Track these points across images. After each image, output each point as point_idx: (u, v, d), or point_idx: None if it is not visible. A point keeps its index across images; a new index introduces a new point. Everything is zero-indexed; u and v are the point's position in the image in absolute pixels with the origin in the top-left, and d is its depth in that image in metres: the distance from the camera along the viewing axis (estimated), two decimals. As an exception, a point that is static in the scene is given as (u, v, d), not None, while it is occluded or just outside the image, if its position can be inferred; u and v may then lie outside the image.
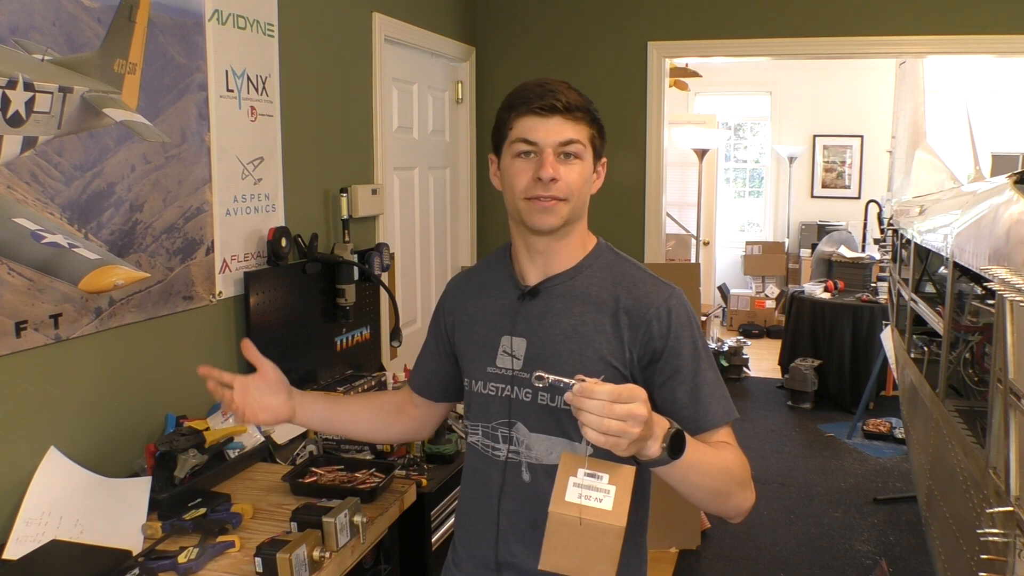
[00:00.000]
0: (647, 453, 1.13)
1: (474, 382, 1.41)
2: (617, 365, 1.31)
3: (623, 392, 1.07)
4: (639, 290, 1.34)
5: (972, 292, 2.50)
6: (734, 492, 1.27)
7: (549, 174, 1.29)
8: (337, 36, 2.90)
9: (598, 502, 1.12)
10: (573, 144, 1.31)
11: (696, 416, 1.29)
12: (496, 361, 1.37)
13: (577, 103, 1.32)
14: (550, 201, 1.31)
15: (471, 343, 1.43)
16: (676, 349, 1.30)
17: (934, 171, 4.50)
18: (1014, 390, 1.53)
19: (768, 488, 4.40)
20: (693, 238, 7.25)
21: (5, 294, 1.64)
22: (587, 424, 1.07)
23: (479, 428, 1.41)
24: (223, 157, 2.28)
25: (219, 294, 2.29)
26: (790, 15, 3.82)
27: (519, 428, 1.35)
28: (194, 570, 1.54)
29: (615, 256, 1.41)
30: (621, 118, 4.04)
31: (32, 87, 1.66)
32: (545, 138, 1.30)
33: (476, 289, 1.46)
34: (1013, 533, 1.54)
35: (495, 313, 1.40)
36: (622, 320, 1.32)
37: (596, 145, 1.36)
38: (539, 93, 1.31)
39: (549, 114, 1.30)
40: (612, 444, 1.07)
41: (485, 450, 1.40)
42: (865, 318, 5.74)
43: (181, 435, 1.93)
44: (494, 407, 1.38)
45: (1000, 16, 3.61)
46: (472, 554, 1.43)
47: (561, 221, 1.33)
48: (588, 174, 1.35)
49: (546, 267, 1.38)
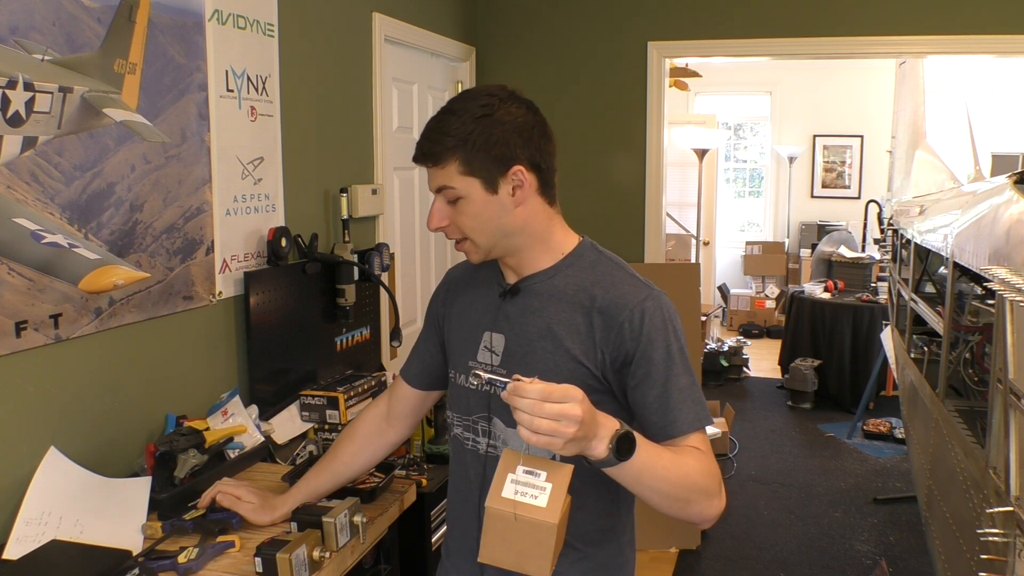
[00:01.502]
0: (592, 453, 1.12)
1: (457, 374, 1.44)
2: (588, 365, 1.30)
3: (555, 392, 1.08)
4: (616, 291, 1.32)
5: (972, 292, 2.50)
6: (694, 499, 1.24)
7: (431, 226, 1.34)
8: (337, 36, 2.90)
9: (533, 499, 1.14)
10: (446, 190, 1.31)
11: (665, 422, 1.28)
12: (478, 355, 1.39)
13: (433, 151, 1.29)
14: (458, 244, 1.36)
15: (457, 335, 1.46)
16: (648, 353, 1.28)
17: (934, 171, 4.50)
18: (1014, 390, 1.53)
19: (768, 488, 4.40)
20: (693, 238, 7.25)
21: (5, 294, 1.64)
22: (519, 422, 1.08)
23: (459, 420, 1.44)
24: (223, 157, 2.28)
25: (219, 294, 2.29)
26: (790, 15, 3.83)
27: (496, 423, 1.37)
28: (194, 570, 1.53)
29: (598, 255, 1.39)
30: (621, 118, 4.04)
31: (32, 87, 1.66)
32: (429, 185, 1.33)
33: (469, 283, 1.48)
34: (1013, 533, 1.54)
35: (480, 308, 1.42)
36: (596, 320, 1.30)
37: (479, 171, 1.29)
38: (416, 145, 1.32)
39: (419, 164, 1.32)
40: (545, 443, 1.08)
41: (465, 442, 1.42)
42: (865, 318, 5.74)
43: (181, 435, 1.93)
44: (474, 401, 1.40)
45: (1000, 16, 3.61)
46: (459, 546, 1.46)
47: (481, 255, 1.36)
48: (480, 207, 1.30)
49: (518, 271, 1.39)
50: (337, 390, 2.36)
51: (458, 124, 1.27)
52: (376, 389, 2.49)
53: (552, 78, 4.05)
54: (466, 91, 1.36)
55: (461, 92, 1.36)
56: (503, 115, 1.28)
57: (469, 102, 1.30)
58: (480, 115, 1.28)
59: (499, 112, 1.28)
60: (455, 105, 1.31)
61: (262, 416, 2.28)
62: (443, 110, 1.31)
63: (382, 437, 1.64)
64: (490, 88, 1.33)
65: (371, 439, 1.64)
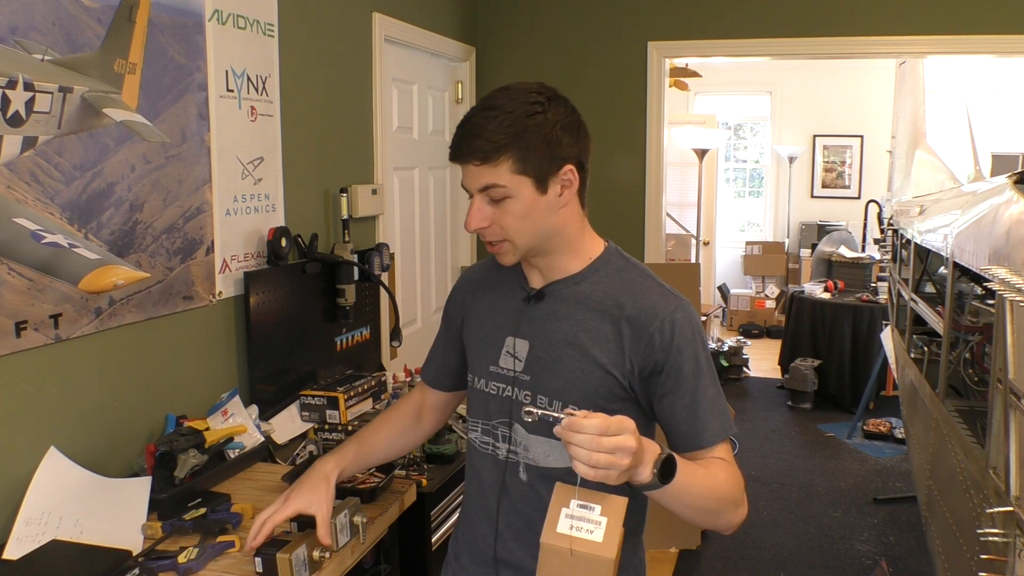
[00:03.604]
0: (638, 479, 1.13)
1: (477, 379, 1.41)
2: (615, 373, 1.29)
3: (611, 425, 1.06)
4: (645, 300, 1.30)
5: (972, 292, 2.50)
6: (724, 511, 1.26)
7: (470, 227, 1.28)
8: (337, 36, 2.90)
9: (589, 533, 1.12)
10: (493, 189, 1.25)
11: (693, 432, 1.28)
12: (499, 360, 1.37)
13: (484, 148, 1.22)
14: (494, 245, 1.31)
15: (477, 339, 1.42)
16: (678, 364, 1.28)
17: (934, 171, 4.50)
18: (1014, 390, 1.53)
19: (768, 488, 4.40)
20: (693, 238, 7.25)
21: (5, 294, 1.64)
22: (576, 458, 1.06)
23: (479, 425, 1.41)
24: (223, 157, 2.28)
25: (219, 294, 2.29)
26: (790, 15, 3.83)
27: (517, 429, 1.35)
28: (194, 570, 1.53)
29: (624, 262, 1.38)
30: (621, 118, 4.04)
31: (32, 87, 1.66)
32: (470, 185, 1.27)
33: (488, 285, 1.45)
34: (1013, 533, 1.54)
35: (502, 312, 1.39)
36: (624, 329, 1.29)
37: (533, 170, 1.25)
38: (456, 138, 1.26)
39: (463, 163, 1.26)
40: (602, 476, 1.07)
41: (484, 447, 1.40)
42: (865, 318, 5.74)
43: (181, 435, 1.93)
44: (494, 406, 1.38)
45: (1000, 16, 3.61)
46: (471, 549, 1.44)
47: (517, 257, 1.32)
48: (528, 207, 1.26)
49: (546, 275, 1.37)
50: (337, 390, 2.36)
51: (510, 121, 1.22)
52: (376, 389, 2.49)
53: (552, 78, 3.98)
54: (505, 88, 1.28)
55: (499, 89, 1.28)
56: (554, 114, 1.25)
57: (517, 99, 1.24)
58: (532, 112, 1.23)
59: (551, 110, 1.25)
60: (500, 102, 1.24)
61: (262, 416, 2.28)
62: (486, 107, 1.25)
63: (416, 429, 1.63)
64: (530, 86, 1.28)
65: (408, 427, 1.61)
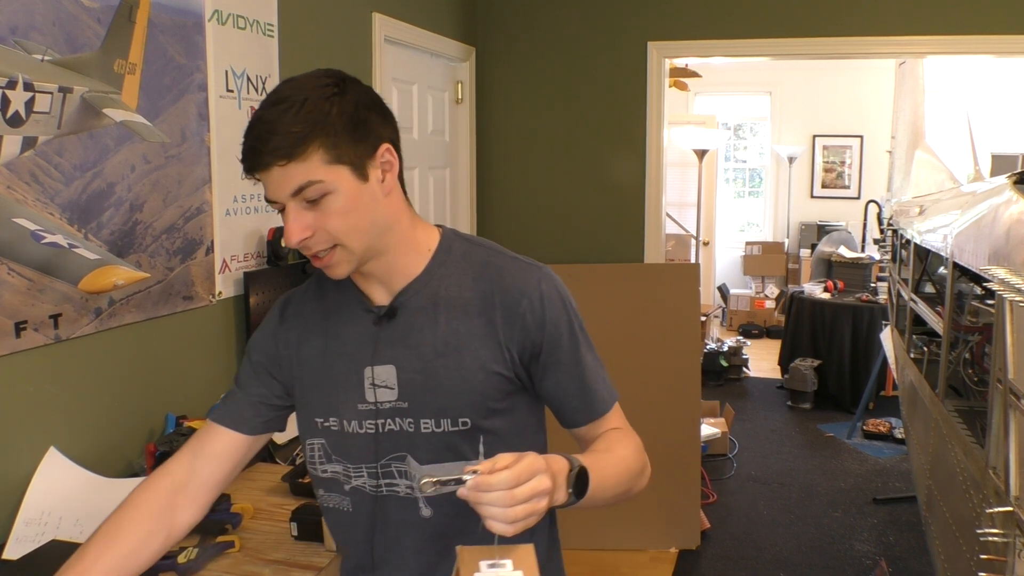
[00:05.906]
0: (554, 504, 1.03)
1: (346, 422, 1.21)
2: (498, 369, 1.17)
3: (522, 473, 0.94)
4: (505, 279, 1.19)
5: (972, 292, 2.50)
6: (634, 485, 1.20)
7: (292, 240, 1.09)
8: (337, 36, 2.90)
9: None
10: (308, 188, 1.07)
11: (585, 406, 1.22)
12: (366, 396, 1.19)
13: (285, 143, 1.05)
14: (322, 257, 1.12)
15: (327, 380, 1.22)
16: (555, 338, 1.19)
17: (934, 171, 4.50)
18: (1014, 390, 1.53)
19: (768, 488, 4.40)
20: (693, 238, 7.25)
21: (5, 294, 1.64)
22: (491, 518, 0.94)
23: (363, 470, 1.21)
24: (223, 157, 2.28)
25: (219, 294, 2.29)
26: (790, 15, 3.82)
27: (409, 461, 1.19)
28: (194, 570, 1.53)
29: (467, 243, 1.24)
30: (621, 118, 4.03)
31: (32, 87, 1.66)
32: (278, 192, 1.09)
33: (320, 316, 1.25)
34: (1013, 533, 1.54)
35: (350, 343, 1.21)
36: (495, 317, 1.17)
37: (347, 156, 1.09)
38: (247, 144, 1.09)
39: (264, 169, 1.08)
40: (522, 528, 0.95)
41: (376, 491, 1.21)
42: (865, 318, 5.74)
43: (181, 435, 1.93)
44: (382, 444, 1.19)
45: (1000, 16, 3.61)
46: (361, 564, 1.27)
47: (352, 265, 1.14)
48: (351, 199, 1.09)
49: (389, 283, 1.20)
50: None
51: (307, 109, 1.06)
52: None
53: (552, 78, 4.04)
54: (289, 80, 1.13)
55: (282, 82, 1.13)
56: (353, 93, 1.11)
57: (307, 86, 1.09)
58: (328, 95, 1.08)
59: (348, 91, 1.10)
60: (287, 93, 1.08)
61: (262, 416, 2.28)
62: (274, 102, 1.08)
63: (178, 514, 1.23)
64: (317, 72, 1.12)
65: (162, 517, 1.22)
